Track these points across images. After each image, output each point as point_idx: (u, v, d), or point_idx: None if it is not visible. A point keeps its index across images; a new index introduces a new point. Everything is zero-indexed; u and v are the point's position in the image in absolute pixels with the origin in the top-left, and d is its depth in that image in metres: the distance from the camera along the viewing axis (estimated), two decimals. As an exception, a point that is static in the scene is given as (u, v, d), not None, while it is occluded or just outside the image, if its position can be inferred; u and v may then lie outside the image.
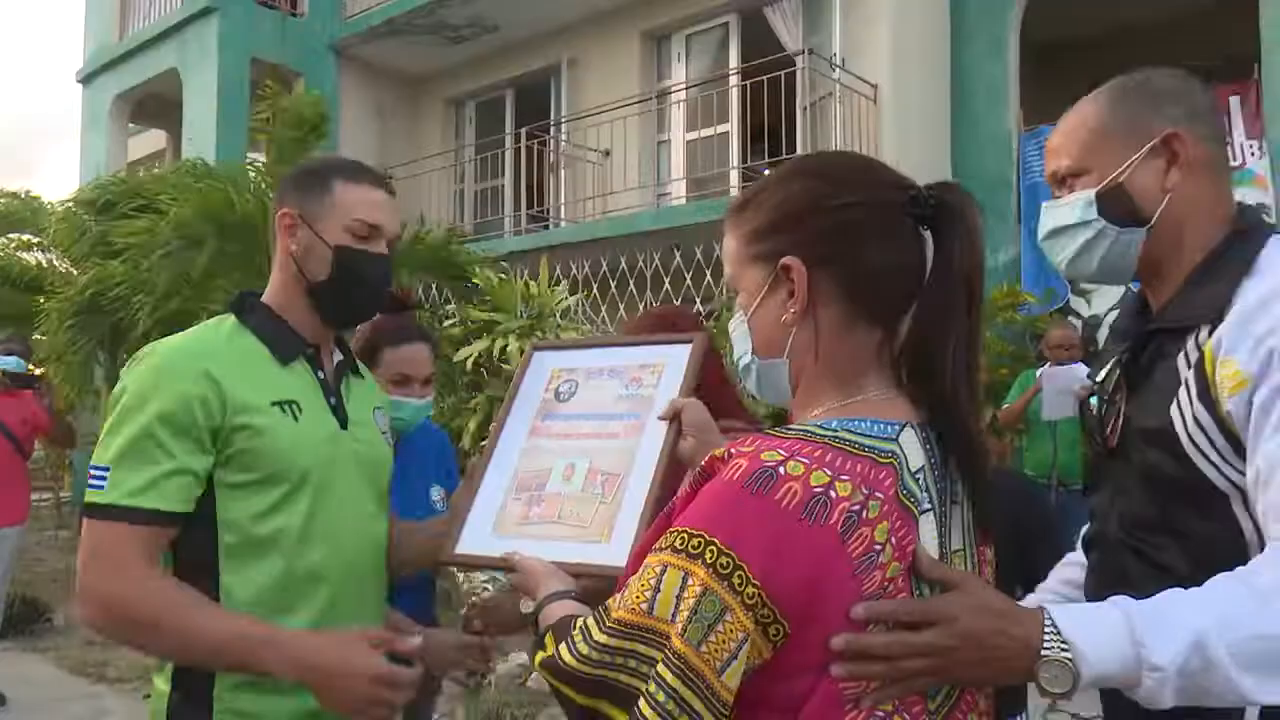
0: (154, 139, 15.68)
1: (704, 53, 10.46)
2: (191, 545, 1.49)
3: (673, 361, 1.57)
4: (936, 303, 1.07)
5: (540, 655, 1.07)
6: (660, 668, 0.94)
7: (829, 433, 1.01)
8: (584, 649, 1.00)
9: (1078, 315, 8.29)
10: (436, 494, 2.58)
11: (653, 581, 0.97)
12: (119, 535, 1.44)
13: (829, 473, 0.96)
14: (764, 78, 8.64)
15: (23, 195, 11.28)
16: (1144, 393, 1.36)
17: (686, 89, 10.20)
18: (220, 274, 7.17)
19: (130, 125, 14.09)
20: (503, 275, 7.22)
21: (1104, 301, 8.19)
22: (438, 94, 12.76)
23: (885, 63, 8.63)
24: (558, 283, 6.63)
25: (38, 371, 6.13)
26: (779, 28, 9.35)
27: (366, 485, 1.67)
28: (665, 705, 0.93)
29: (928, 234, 1.09)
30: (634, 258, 8.86)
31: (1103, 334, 8.09)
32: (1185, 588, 1.08)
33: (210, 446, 1.49)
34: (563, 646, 1.03)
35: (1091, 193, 1.41)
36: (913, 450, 1.04)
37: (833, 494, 0.95)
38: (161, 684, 1.54)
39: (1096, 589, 1.42)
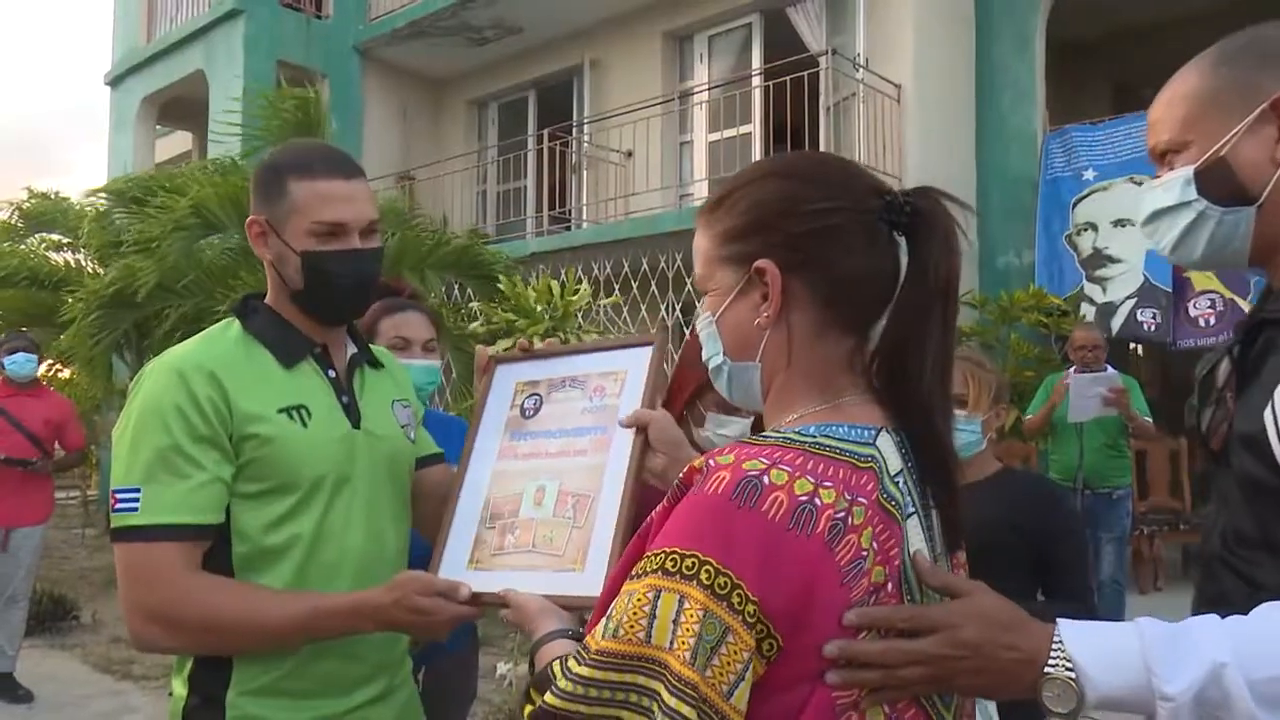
0: (181, 140, 15.82)
1: (727, 53, 10.45)
2: (208, 555, 1.46)
3: (634, 368, 1.51)
4: (913, 310, 1.05)
5: (528, 709, 1.02)
6: (668, 698, 0.89)
7: (808, 439, 0.99)
8: (571, 688, 0.94)
9: (1091, 302, 8.22)
10: None
11: (646, 608, 0.92)
12: (160, 553, 1.41)
13: (812, 480, 0.94)
14: (787, 78, 8.60)
15: (52, 195, 11.42)
16: (1249, 392, 1.22)
17: (709, 90, 10.18)
18: (244, 269, 7.20)
19: (157, 127, 14.23)
20: (525, 280, 7.23)
21: (1120, 289, 8.12)
22: (460, 95, 12.81)
23: (909, 63, 8.57)
24: (580, 284, 6.63)
25: (44, 371, 6.08)
26: (802, 28, 9.31)
27: (385, 483, 1.63)
28: None
29: (902, 240, 1.07)
30: (656, 259, 8.84)
31: (1116, 322, 8.04)
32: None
33: (232, 453, 1.47)
34: (548, 695, 0.97)
35: (1190, 170, 1.24)
36: (890, 454, 1.03)
37: (818, 502, 0.93)
38: (179, 687, 1.53)
39: (1196, 608, 1.29)
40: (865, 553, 0.94)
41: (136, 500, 1.42)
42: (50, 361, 11.53)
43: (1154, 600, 7.12)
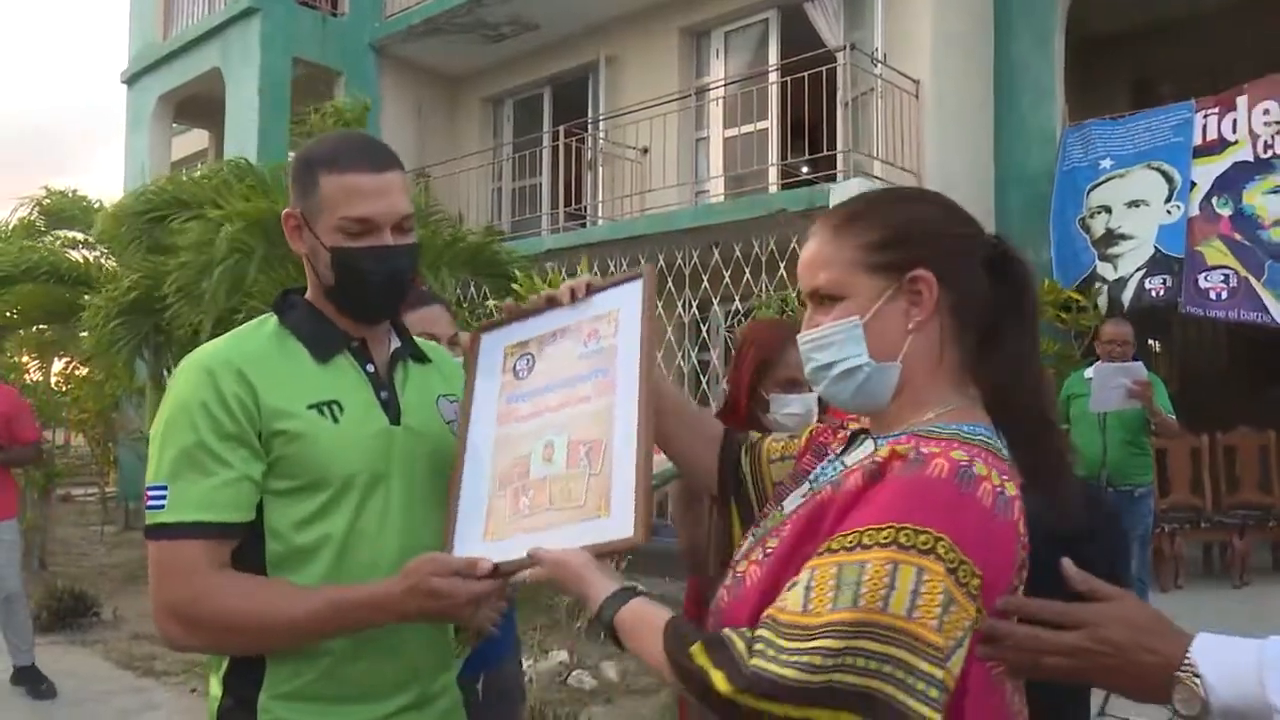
0: (197, 138, 15.90)
1: (743, 49, 10.42)
2: (242, 554, 1.45)
3: (626, 305, 1.45)
4: (1014, 330, 1.21)
5: (718, 679, 1.03)
6: (922, 664, 1.00)
7: (973, 435, 1.12)
8: (819, 661, 0.99)
9: (1103, 281, 8.20)
10: None
11: (885, 579, 1.01)
12: (184, 551, 1.40)
13: (1000, 473, 1.09)
14: (804, 74, 8.56)
15: (70, 194, 11.50)
16: None
17: (725, 86, 10.15)
18: (259, 271, 7.23)
19: (174, 125, 14.27)
20: (539, 276, 7.23)
21: (1130, 264, 8.11)
22: (476, 92, 12.82)
23: (927, 58, 8.53)
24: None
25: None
26: (820, 23, 9.26)
27: (426, 481, 1.58)
28: (939, 700, 1.00)
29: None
30: (672, 255, 8.82)
31: (1127, 295, 8.03)
32: None
33: (261, 450, 1.45)
34: (782, 670, 1.00)
35: None
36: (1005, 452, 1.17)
37: (1008, 493, 1.08)
38: (215, 687, 1.52)
39: None
40: (1023, 538, 1.11)
41: (164, 498, 1.42)
42: (69, 359, 11.64)
43: (1174, 598, 7.06)
